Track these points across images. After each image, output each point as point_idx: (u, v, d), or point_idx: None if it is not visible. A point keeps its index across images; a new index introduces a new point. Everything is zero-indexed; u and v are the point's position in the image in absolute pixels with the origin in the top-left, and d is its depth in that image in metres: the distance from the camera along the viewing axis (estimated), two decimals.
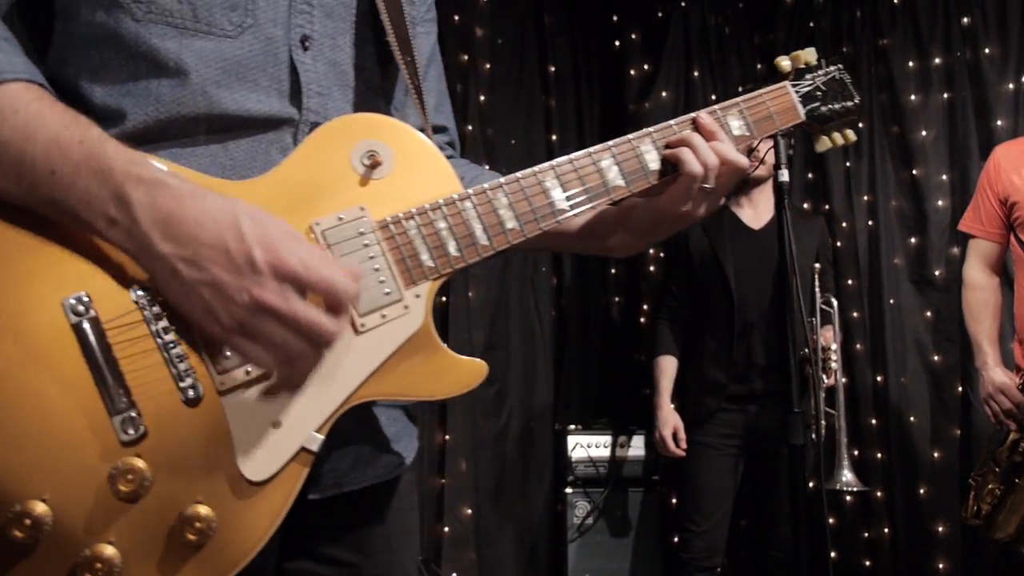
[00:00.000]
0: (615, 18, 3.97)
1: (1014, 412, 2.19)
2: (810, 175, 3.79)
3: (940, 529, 3.34)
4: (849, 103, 1.11)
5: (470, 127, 3.48)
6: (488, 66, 3.60)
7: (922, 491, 3.39)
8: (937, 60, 3.53)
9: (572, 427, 3.34)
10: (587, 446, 3.28)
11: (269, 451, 0.77)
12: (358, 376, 0.81)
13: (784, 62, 1.10)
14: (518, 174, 0.90)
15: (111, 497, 0.70)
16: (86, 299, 0.72)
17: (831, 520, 3.27)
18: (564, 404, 3.64)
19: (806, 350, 2.59)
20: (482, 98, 3.56)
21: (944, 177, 3.49)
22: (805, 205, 3.77)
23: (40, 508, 0.67)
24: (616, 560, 3.19)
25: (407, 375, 0.84)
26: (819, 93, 1.09)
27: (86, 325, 0.72)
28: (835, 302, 2.74)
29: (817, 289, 2.71)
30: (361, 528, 0.96)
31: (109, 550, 0.70)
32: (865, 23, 3.70)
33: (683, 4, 3.88)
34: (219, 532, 0.74)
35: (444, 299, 3.39)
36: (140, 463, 0.71)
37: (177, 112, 0.82)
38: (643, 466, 3.26)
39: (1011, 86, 3.35)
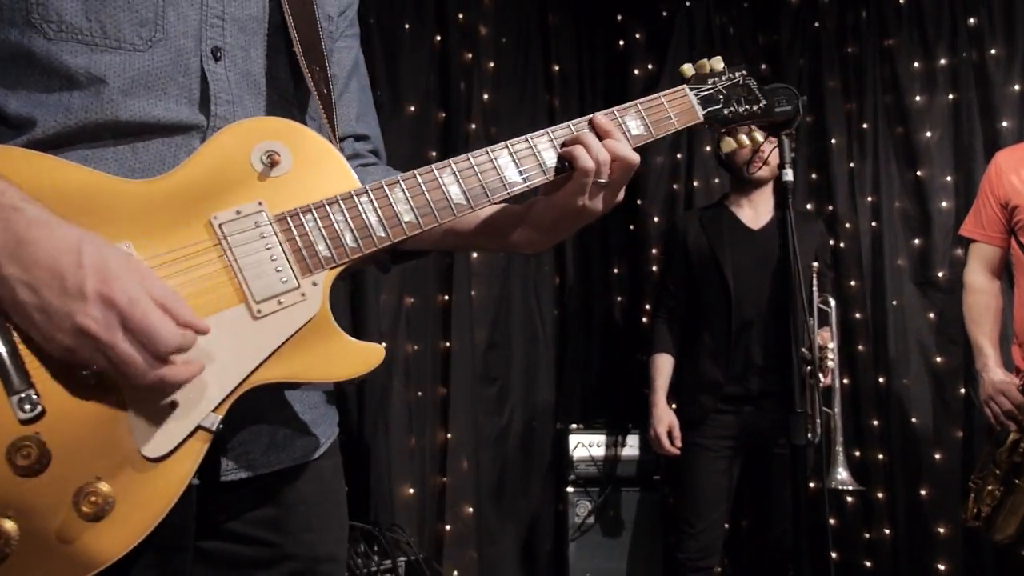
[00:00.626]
0: (619, 17, 3.97)
1: (1014, 413, 2.20)
2: (814, 175, 3.79)
3: (941, 530, 3.35)
4: (754, 107, 1.17)
5: (473, 126, 3.48)
6: (492, 65, 3.60)
7: (923, 492, 3.40)
8: (943, 61, 3.52)
9: (573, 426, 3.35)
10: (588, 445, 3.29)
11: (166, 429, 0.80)
12: (255, 359, 0.85)
13: (687, 68, 1.16)
14: (418, 170, 0.95)
15: (10, 471, 0.73)
16: None
17: (832, 521, 3.28)
18: (566, 403, 3.65)
19: (804, 350, 2.59)
20: (486, 96, 3.56)
21: (948, 178, 3.49)
22: (808, 206, 3.77)
23: None
24: (615, 560, 3.20)
25: (304, 358, 0.88)
26: (720, 96, 1.14)
27: None
28: (833, 302, 2.73)
29: (815, 289, 2.71)
30: (279, 509, 0.99)
31: (7, 523, 0.73)
32: (871, 23, 3.69)
33: (688, 4, 3.87)
34: (117, 507, 0.77)
35: (447, 297, 3.40)
36: (36, 438, 0.74)
37: (85, 119, 0.86)
38: (640, 466, 3.27)
39: (1016, 87, 3.35)
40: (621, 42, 3.97)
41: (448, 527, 3.27)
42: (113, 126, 0.88)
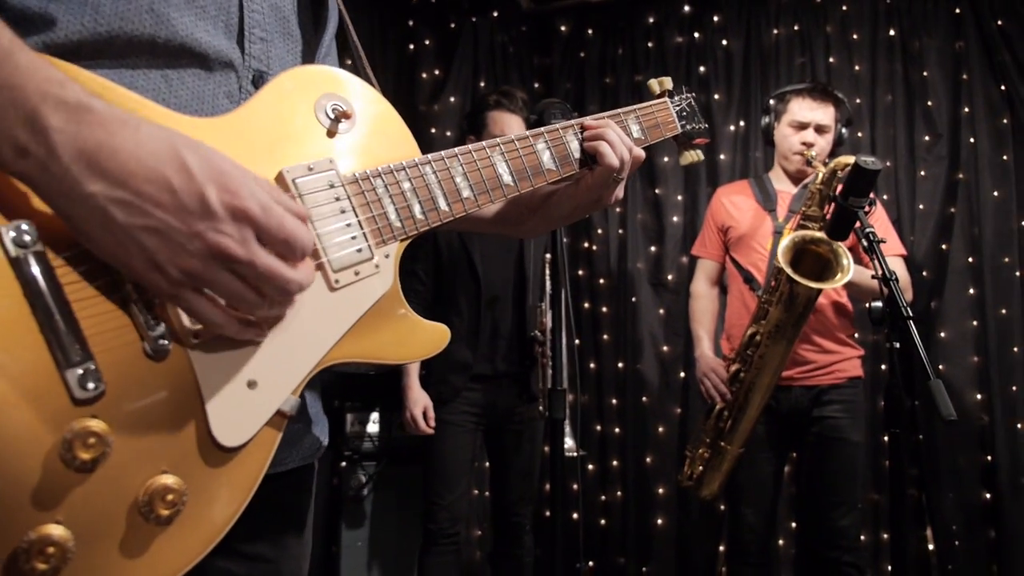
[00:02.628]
0: (411, 23, 4.13)
1: (721, 387, 2.62)
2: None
3: (660, 491, 3.83)
4: (701, 125, 1.24)
5: None
6: None
7: (648, 460, 3.87)
8: None
9: (349, 404, 3.45)
10: (363, 423, 3.43)
11: (244, 414, 0.68)
12: (333, 335, 0.75)
13: (655, 84, 1.21)
14: (469, 147, 0.91)
15: (62, 466, 0.58)
16: (29, 229, 0.58)
17: (575, 486, 3.61)
18: (343, 384, 3.75)
19: (536, 332, 2.84)
20: None
21: (679, 197, 4.01)
22: None
23: None
24: (384, 530, 3.35)
25: (375, 337, 0.79)
26: (685, 113, 1.21)
27: (31, 259, 0.58)
28: (563, 290, 2.95)
29: (548, 277, 2.84)
30: (278, 517, 0.87)
31: (58, 530, 0.57)
32: (625, 59, 4.18)
33: (473, 20, 4.13)
34: (188, 506, 0.64)
35: None
36: (100, 425, 0.59)
37: (120, 28, 0.70)
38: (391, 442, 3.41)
39: (732, 127, 3.96)
40: (411, 46, 4.13)
41: None
42: (149, 43, 0.72)
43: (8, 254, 0.57)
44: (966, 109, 3.62)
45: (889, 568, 3.38)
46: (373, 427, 3.45)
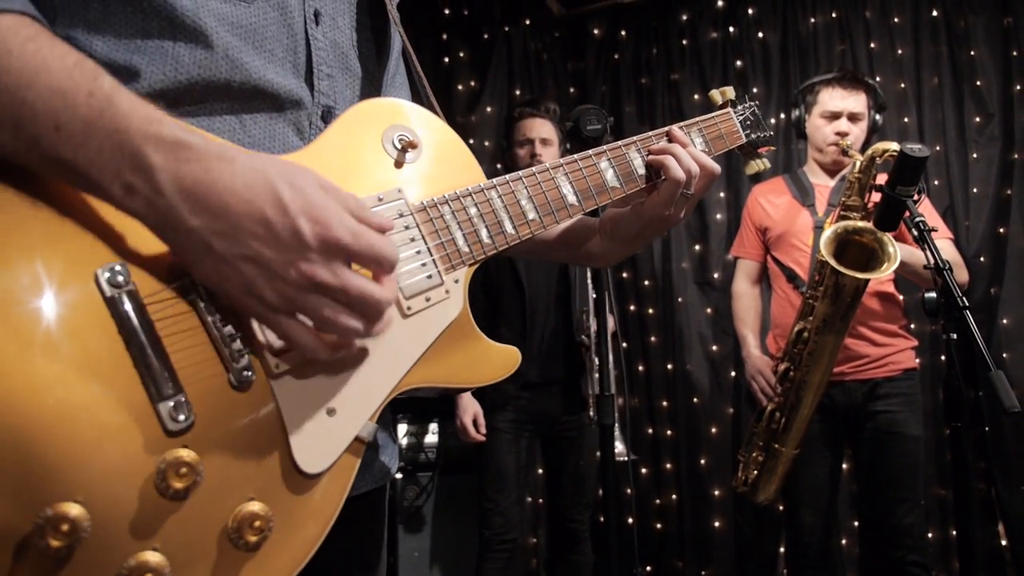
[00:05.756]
0: (444, 36, 4.18)
1: (772, 386, 2.56)
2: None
3: (716, 493, 3.78)
4: (765, 134, 1.22)
5: None
6: None
7: (703, 462, 3.82)
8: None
9: (400, 415, 3.47)
10: (416, 434, 3.46)
11: (325, 440, 0.70)
12: (407, 360, 0.77)
13: (716, 95, 1.19)
14: (533, 169, 0.92)
15: (156, 495, 0.61)
16: (122, 270, 0.62)
17: (628, 490, 3.60)
18: (400, 398, 3.78)
19: (583, 337, 2.83)
20: None
21: (722, 195, 3.98)
22: None
23: (76, 511, 0.56)
24: (439, 539, 3.37)
25: (447, 361, 0.81)
26: (749, 122, 1.20)
27: (124, 298, 0.62)
28: (606, 293, 2.92)
29: (589, 281, 2.84)
30: (356, 541, 0.89)
31: (155, 557, 0.60)
32: (660, 59, 4.16)
33: (507, 29, 4.16)
34: (274, 533, 0.66)
35: None
36: (191, 455, 0.62)
37: (199, 76, 0.74)
38: (448, 452, 3.40)
39: (772, 120, 3.90)
40: (446, 59, 4.18)
41: None
42: (225, 88, 0.76)
43: (104, 294, 0.61)
44: (1018, 87, 3.50)
45: (958, 566, 3.27)
46: (432, 438, 3.48)
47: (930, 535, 3.15)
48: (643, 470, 3.94)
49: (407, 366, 0.77)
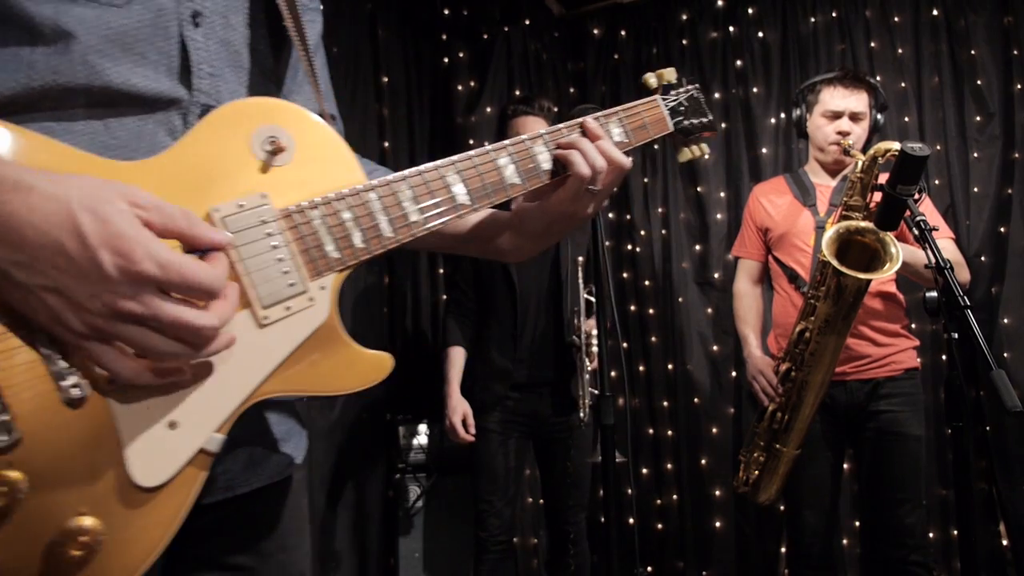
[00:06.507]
0: (444, 36, 4.17)
1: (773, 386, 2.56)
2: (614, 189, 4.19)
3: (717, 493, 3.78)
4: (704, 119, 1.17)
5: None
6: None
7: (703, 462, 3.82)
8: (716, 95, 4.03)
9: (400, 417, 3.49)
10: (415, 435, 3.46)
11: (164, 454, 0.70)
12: (261, 371, 0.75)
13: (651, 79, 1.15)
14: (420, 167, 0.88)
15: None
16: None
17: (629, 491, 3.61)
18: (395, 397, 3.80)
19: (574, 337, 2.81)
20: None
21: (722, 194, 3.97)
22: (610, 215, 4.19)
23: None
24: (439, 541, 3.36)
25: (311, 370, 0.79)
26: (682, 108, 1.14)
27: None
28: (604, 293, 2.86)
29: (580, 281, 2.86)
30: (255, 530, 0.91)
31: None
32: (660, 58, 4.15)
33: (506, 29, 4.15)
34: (106, 545, 0.66)
35: None
36: (13, 473, 0.61)
37: (53, 81, 0.73)
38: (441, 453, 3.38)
39: (773, 120, 3.91)
40: (445, 59, 4.17)
41: None
42: (85, 93, 0.75)
43: None
44: (1018, 86, 3.50)
45: (959, 566, 3.26)
46: (423, 439, 3.47)
47: (931, 535, 3.15)
48: (644, 470, 3.93)
49: (261, 377, 0.75)
